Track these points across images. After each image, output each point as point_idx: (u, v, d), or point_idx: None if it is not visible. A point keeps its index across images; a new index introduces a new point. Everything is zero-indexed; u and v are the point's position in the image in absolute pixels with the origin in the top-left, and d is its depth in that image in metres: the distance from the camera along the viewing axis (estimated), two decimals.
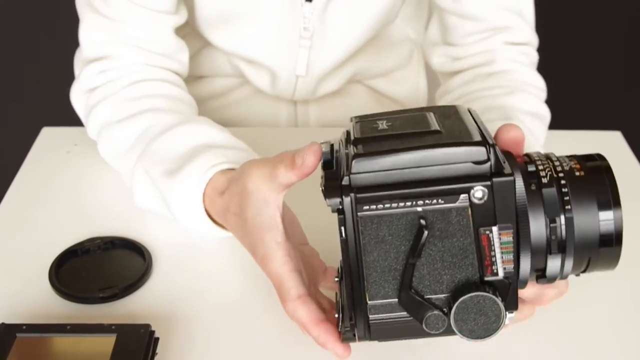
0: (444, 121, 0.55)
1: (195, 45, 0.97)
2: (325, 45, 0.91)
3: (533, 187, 0.54)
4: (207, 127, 0.76)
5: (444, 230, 0.52)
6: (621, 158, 0.93)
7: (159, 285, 0.72)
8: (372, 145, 0.53)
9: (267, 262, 0.61)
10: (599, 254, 0.55)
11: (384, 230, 0.52)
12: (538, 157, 0.56)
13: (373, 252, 0.53)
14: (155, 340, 0.63)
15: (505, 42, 0.88)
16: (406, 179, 0.52)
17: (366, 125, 0.56)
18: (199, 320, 0.68)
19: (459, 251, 0.52)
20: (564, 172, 0.55)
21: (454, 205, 0.51)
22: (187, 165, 0.71)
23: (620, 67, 2.00)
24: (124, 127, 0.79)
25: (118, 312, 0.69)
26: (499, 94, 0.83)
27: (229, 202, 0.66)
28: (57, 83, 1.04)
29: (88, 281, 0.71)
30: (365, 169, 0.52)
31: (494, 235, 0.52)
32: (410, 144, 0.52)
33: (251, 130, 0.98)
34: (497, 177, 0.51)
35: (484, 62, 0.88)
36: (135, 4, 0.80)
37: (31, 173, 0.88)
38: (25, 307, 0.69)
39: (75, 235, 0.76)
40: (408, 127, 0.55)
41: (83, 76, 0.83)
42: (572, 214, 0.54)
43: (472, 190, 0.51)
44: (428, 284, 0.53)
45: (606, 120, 1.16)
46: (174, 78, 0.85)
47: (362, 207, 0.51)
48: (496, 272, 0.53)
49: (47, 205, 0.83)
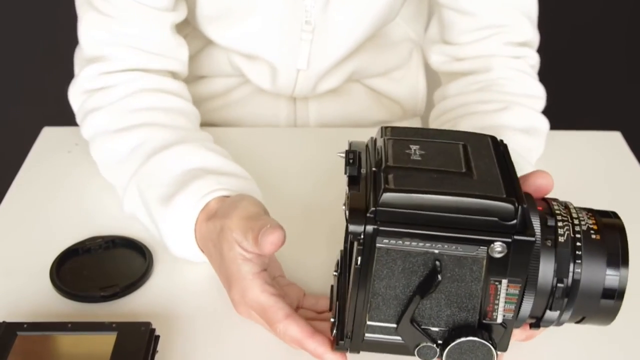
0: (477, 160, 0.54)
1: (196, 45, 0.97)
2: (327, 40, 0.91)
3: (549, 244, 0.54)
4: (202, 150, 0.76)
5: (455, 274, 0.52)
6: (621, 158, 0.94)
7: (160, 284, 0.72)
8: (403, 179, 0.52)
9: (246, 292, 0.62)
10: (599, 307, 0.55)
11: (398, 264, 0.52)
12: (558, 209, 0.56)
13: (383, 280, 0.53)
14: (155, 338, 0.63)
15: (504, 43, 0.88)
16: (430, 221, 0.51)
17: (399, 149, 0.55)
18: (199, 318, 0.68)
19: (466, 295, 0.53)
20: (581, 232, 0.55)
21: (471, 254, 0.51)
22: (179, 193, 0.71)
23: (620, 67, 2.00)
24: (118, 139, 0.79)
25: (119, 311, 0.69)
26: (493, 110, 0.83)
27: (212, 231, 0.66)
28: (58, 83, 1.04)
29: (89, 280, 0.72)
30: (394, 203, 0.51)
31: (502, 286, 0.53)
32: (441, 185, 0.51)
33: (251, 131, 0.99)
34: (519, 235, 0.50)
35: (481, 69, 0.88)
36: (134, 0, 0.80)
37: (32, 173, 0.88)
38: (26, 305, 0.69)
39: (76, 235, 0.77)
40: (440, 162, 0.54)
41: (82, 76, 0.83)
42: (580, 277, 0.54)
43: (493, 244, 0.51)
44: (428, 316, 0.54)
45: (606, 121, 1.16)
46: (174, 86, 0.85)
47: (382, 239, 0.51)
48: (495, 318, 0.54)
49: (48, 205, 0.83)
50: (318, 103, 1.02)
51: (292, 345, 0.61)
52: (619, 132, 0.97)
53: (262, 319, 0.62)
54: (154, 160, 0.75)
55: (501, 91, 0.85)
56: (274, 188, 0.78)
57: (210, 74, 1.01)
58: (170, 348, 0.65)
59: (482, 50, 0.88)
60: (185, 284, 0.72)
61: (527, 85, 0.87)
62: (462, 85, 0.89)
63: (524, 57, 0.88)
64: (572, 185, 0.61)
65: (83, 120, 0.83)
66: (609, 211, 0.57)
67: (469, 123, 0.82)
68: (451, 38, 0.90)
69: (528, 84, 0.87)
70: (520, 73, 0.87)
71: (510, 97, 0.85)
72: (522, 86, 0.86)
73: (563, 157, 0.88)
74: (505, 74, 0.87)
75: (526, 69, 0.88)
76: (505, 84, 0.86)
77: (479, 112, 0.84)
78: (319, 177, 0.87)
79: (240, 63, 0.96)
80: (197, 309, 0.69)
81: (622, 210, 0.83)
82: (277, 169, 0.87)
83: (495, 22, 0.87)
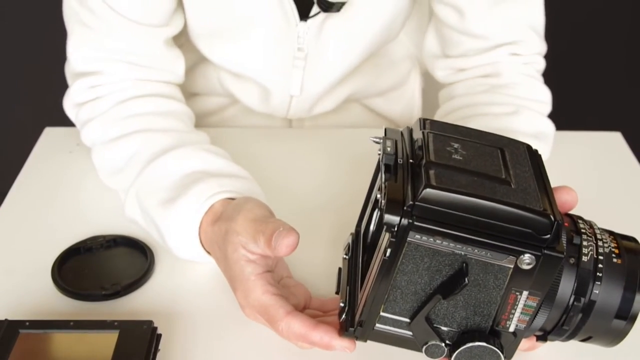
0: (515, 168, 0.54)
1: (190, 59, 0.95)
2: (320, 67, 0.89)
3: (572, 261, 0.54)
4: (201, 152, 0.75)
5: (480, 279, 0.52)
6: (621, 158, 0.94)
7: (161, 282, 0.72)
8: (444, 177, 0.51)
9: (248, 293, 0.62)
10: (610, 327, 0.55)
11: (425, 261, 0.52)
12: (584, 228, 0.56)
13: (406, 275, 0.53)
14: (157, 337, 0.63)
15: (511, 54, 0.87)
16: (465, 223, 0.50)
17: (441, 145, 0.55)
18: (200, 317, 0.68)
19: (485, 300, 0.53)
20: (604, 254, 0.55)
21: (499, 263, 0.51)
22: (181, 197, 0.70)
23: (620, 68, 2.00)
24: (114, 148, 0.78)
25: (120, 310, 0.69)
26: (503, 113, 0.83)
27: (217, 234, 0.66)
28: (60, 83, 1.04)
29: (90, 279, 0.72)
30: (433, 200, 0.50)
31: (521, 297, 0.53)
32: (481, 190, 0.51)
33: (251, 131, 0.99)
34: (549, 250, 0.50)
35: (489, 74, 0.87)
36: (124, 17, 0.79)
37: (34, 172, 0.88)
38: (28, 304, 0.69)
39: (78, 234, 0.77)
40: (481, 165, 0.53)
41: (73, 90, 0.82)
42: (598, 298, 0.54)
43: (523, 256, 0.50)
44: (442, 315, 0.54)
45: (606, 121, 1.16)
46: (167, 89, 0.84)
47: (414, 234, 0.51)
48: (508, 327, 0.54)
49: (49, 204, 0.83)
50: (314, 121, 1.01)
51: (299, 344, 0.60)
52: (619, 132, 0.98)
53: (264, 319, 0.62)
54: (153, 166, 0.74)
55: (510, 94, 0.85)
56: (271, 188, 0.78)
57: (203, 92, 1.00)
58: (172, 346, 0.65)
59: (488, 59, 0.87)
60: (187, 283, 0.72)
61: (535, 89, 0.86)
62: (469, 85, 0.88)
63: (532, 63, 0.88)
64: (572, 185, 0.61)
65: (80, 131, 0.83)
66: (629, 236, 0.58)
67: (479, 124, 0.80)
68: (456, 53, 0.89)
69: (536, 89, 0.86)
70: (528, 77, 0.87)
71: (519, 100, 0.84)
72: (530, 90, 0.86)
73: (563, 157, 0.88)
74: (514, 78, 0.86)
75: (533, 73, 0.88)
76: (514, 87, 0.85)
77: (490, 114, 0.83)
78: (317, 177, 0.88)
79: (229, 84, 0.95)
80: (199, 308, 0.69)
81: (622, 210, 0.84)
82: (275, 169, 0.87)
83: (505, 41, 0.86)
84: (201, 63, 0.97)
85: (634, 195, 0.87)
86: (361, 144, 0.92)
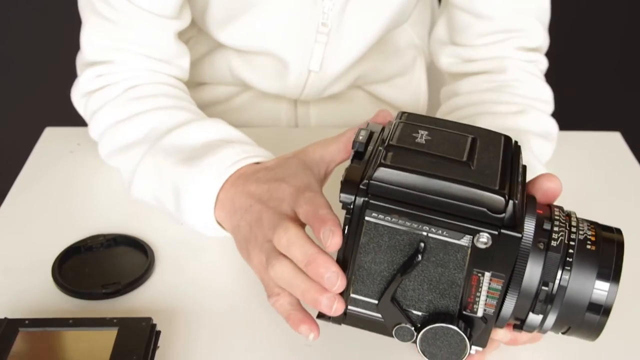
0: (481, 153, 0.55)
1: (198, 50, 0.97)
2: (341, 43, 0.90)
3: (541, 246, 0.54)
4: (222, 125, 0.77)
5: (439, 259, 0.53)
6: (621, 158, 0.94)
7: (161, 281, 0.73)
8: (401, 158, 0.53)
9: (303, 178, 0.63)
10: (584, 320, 0.54)
11: (384, 240, 0.53)
12: (559, 215, 0.56)
13: (369, 254, 0.54)
14: (157, 334, 0.63)
15: (516, 48, 0.87)
16: (420, 202, 0.51)
17: (406, 132, 0.56)
18: (201, 316, 0.68)
19: (448, 282, 0.54)
20: (576, 240, 0.54)
21: (456, 241, 0.52)
22: (207, 157, 0.71)
23: (619, 68, 2.01)
24: (130, 125, 0.79)
25: (120, 308, 0.69)
26: (509, 112, 0.83)
27: (258, 187, 0.66)
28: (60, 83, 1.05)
29: (91, 277, 0.72)
30: (386, 179, 0.52)
31: (484, 279, 0.53)
32: (437, 170, 0.52)
33: (252, 130, 0.98)
34: (507, 230, 0.51)
35: (494, 69, 0.88)
36: (138, 7, 0.80)
37: (34, 172, 0.88)
38: (28, 303, 0.69)
39: (78, 233, 0.77)
40: (444, 149, 0.54)
41: (82, 79, 0.83)
42: (567, 284, 0.54)
43: (478, 234, 0.51)
44: (410, 298, 0.55)
45: (606, 121, 1.17)
46: (174, 82, 0.85)
47: (371, 212, 0.52)
48: (475, 311, 0.54)
49: (50, 204, 0.83)
50: (319, 108, 1.02)
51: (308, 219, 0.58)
52: (619, 132, 0.98)
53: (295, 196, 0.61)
54: (174, 134, 0.75)
55: (515, 93, 0.85)
56: None
57: (211, 81, 1.01)
58: (171, 344, 0.65)
59: (495, 52, 0.88)
60: (187, 282, 0.72)
61: (539, 89, 0.87)
62: (474, 82, 0.88)
63: (535, 62, 0.88)
64: (572, 185, 0.61)
65: (90, 120, 0.83)
66: (613, 227, 0.57)
67: (486, 122, 0.81)
68: (463, 40, 0.90)
69: (540, 88, 0.87)
70: (532, 76, 0.87)
71: (525, 100, 0.84)
72: (535, 90, 0.86)
73: (563, 157, 0.88)
74: (518, 76, 0.86)
75: (537, 72, 0.88)
76: (518, 86, 0.86)
77: (498, 113, 0.83)
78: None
79: (240, 70, 0.96)
80: (199, 306, 0.69)
81: (622, 210, 0.84)
82: None
83: (511, 27, 0.86)
84: (209, 54, 0.98)
85: (634, 195, 0.87)
86: None
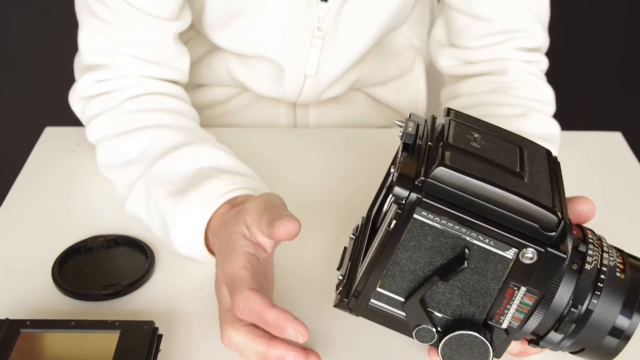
0: (531, 166, 0.54)
1: (196, 52, 0.96)
2: (337, 47, 0.90)
3: (574, 267, 0.54)
4: (213, 149, 0.76)
5: (479, 267, 0.52)
6: (621, 158, 0.94)
7: (162, 282, 0.72)
8: (459, 160, 0.52)
9: (228, 261, 0.61)
10: (601, 343, 0.55)
11: (427, 240, 0.52)
12: (592, 239, 0.56)
13: (407, 252, 0.53)
14: (158, 337, 0.63)
15: (516, 49, 0.87)
16: (473, 208, 0.51)
17: (461, 131, 0.55)
18: (201, 316, 0.68)
19: (481, 290, 0.53)
20: (607, 266, 0.55)
21: (501, 252, 0.51)
22: (194, 190, 0.71)
23: (620, 68, 2.00)
24: (125, 141, 0.78)
25: (121, 309, 0.69)
26: (513, 115, 0.83)
27: (229, 215, 0.66)
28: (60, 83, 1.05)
29: (91, 278, 0.72)
30: (444, 179, 0.50)
31: (518, 293, 0.53)
32: (494, 177, 0.51)
33: (251, 132, 0.99)
34: (553, 249, 0.50)
35: (495, 71, 0.87)
36: (136, 9, 0.79)
37: (34, 172, 0.88)
38: (28, 304, 0.69)
39: (78, 234, 0.77)
40: (498, 156, 0.54)
41: (80, 83, 0.82)
42: (595, 308, 0.54)
43: (525, 249, 0.50)
44: (438, 301, 0.54)
45: (606, 121, 1.16)
46: (174, 90, 0.84)
47: (421, 211, 0.51)
48: (501, 322, 0.54)
49: (50, 204, 0.83)
50: (318, 110, 1.02)
51: (251, 319, 0.58)
52: (619, 132, 0.98)
53: (227, 288, 0.60)
54: (165, 161, 0.75)
55: (517, 95, 0.85)
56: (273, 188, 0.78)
57: (210, 83, 1.00)
58: (173, 347, 0.65)
59: (495, 54, 0.87)
60: (187, 283, 0.72)
61: (540, 90, 0.86)
62: (475, 84, 0.88)
63: (536, 62, 0.88)
64: (573, 185, 0.61)
65: (87, 126, 0.83)
66: (638, 257, 0.58)
67: None
68: (462, 42, 0.89)
69: (542, 89, 0.87)
70: (533, 77, 0.87)
71: (527, 102, 0.84)
72: (536, 91, 0.86)
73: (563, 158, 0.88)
74: (520, 77, 0.86)
75: (538, 73, 0.88)
76: (520, 88, 0.85)
77: (501, 116, 0.82)
78: (318, 177, 0.88)
79: (238, 72, 0.95)
80: (200, 308, 0.69)
81: (622, 210, 0.84)
82: (277, 169, 0.87)
83: (510, 28, 0.86)
84: (207, 55, 0.97)
85: (635, 195, 0.87)
86: (363, 144, 0.93)
